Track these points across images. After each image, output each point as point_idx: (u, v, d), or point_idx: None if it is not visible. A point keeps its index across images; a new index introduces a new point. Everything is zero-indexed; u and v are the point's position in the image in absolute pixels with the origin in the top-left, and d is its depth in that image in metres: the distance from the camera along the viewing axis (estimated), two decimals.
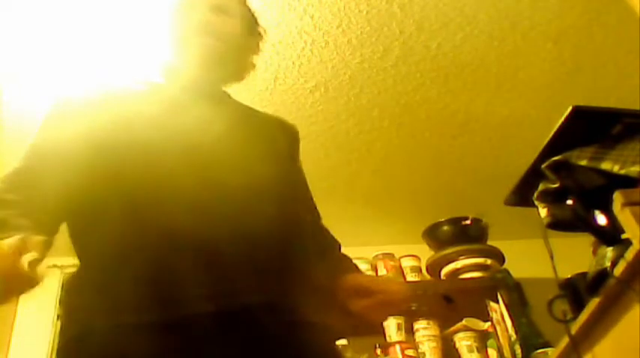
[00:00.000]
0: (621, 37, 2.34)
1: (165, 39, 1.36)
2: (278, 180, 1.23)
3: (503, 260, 2.91)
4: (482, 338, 2.71)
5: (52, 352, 2.71)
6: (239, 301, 1.04)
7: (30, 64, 2.28)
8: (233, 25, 1.35)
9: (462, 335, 2.74)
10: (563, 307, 1.68)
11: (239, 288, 1.06)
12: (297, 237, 1.20)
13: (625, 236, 1.45)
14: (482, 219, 2.92)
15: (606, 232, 1.55)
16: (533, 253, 2.07)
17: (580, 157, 1.57)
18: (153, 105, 1.26)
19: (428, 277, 3.00)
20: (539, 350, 2.37)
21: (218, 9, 1.34)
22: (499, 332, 2.63)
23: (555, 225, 1.65)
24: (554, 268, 1.67)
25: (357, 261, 2.85)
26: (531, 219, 1.74)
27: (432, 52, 2.38)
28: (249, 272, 1.07)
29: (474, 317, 2.74)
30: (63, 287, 1.13)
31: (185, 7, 1.36)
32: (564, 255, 1.74)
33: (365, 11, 2.22)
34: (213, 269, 1.05)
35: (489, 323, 2.70)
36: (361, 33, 2.29)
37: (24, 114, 2.41)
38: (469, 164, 2.90)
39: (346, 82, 2.47)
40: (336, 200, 2.83)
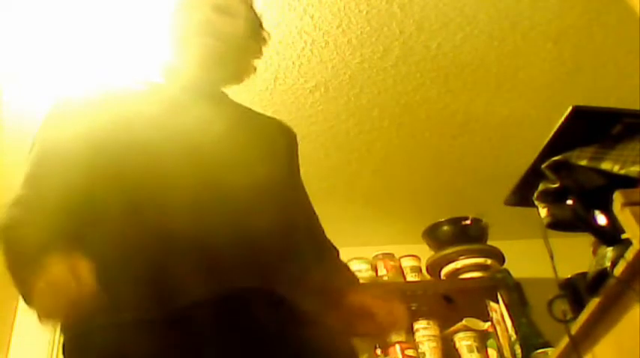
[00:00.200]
0: (621, 37, 2.34)
1: (166, 38, 1.36)
2: (276, 181, 1.23)
3: (503, 260, 2.91)
4: (483, 338, 2.71)
5: (52, 352, 2.72)
6: (238, 300, 1.05)
7: (30, 64, 2.28)
8: (235, 26, 1.34)
9: (462, 335, 2.73)
10: (563, 307, 1.68)
11: (238, 287, 1.06)
12: (295, 238, 1.20)
13: (625, 236, 1.45)
14: (482, 219, 2.91)
15: (606, 232, 1.55)
16: (533, 253, 2.07)
17: (580, 157, 1.57)
18: (153, 105, 1.26)
19: (428, 277, 3.00)
20: (539, 350, 2.37)
21: (220, 9, 1.33)
22: (499, 332, 2.63)
23: (555, 225, 1.65)
24: (554, 268, 1.67)
25: (357, 260, 2.90)
26: (531, 219, 1.74)
27: (432, 52, 2.38)
28: (248, 271, 1.08)
29: (474, 317, 2.73)
30: None
31: (187, 6, 1.35)
32: (564, 255, 1.74)
33: (365, 11, 2.22)
34: (212, 269, 1.06)
35: (489, 323, 2.70)
36: (361, 33, 2.29)
37: (24, 114, 2.41)
38: (469, 164, 2.90)
39: (346, 82, 2.47)
40: (336, 200, 2.83)
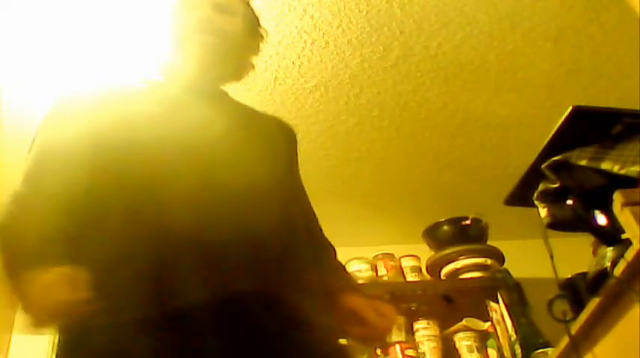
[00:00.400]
0: (621, 37, 2.34)
1: (166, 37, 1.36)
2: (277, 180, 1.23)
3: (503, 260, 2.91)
4: (483, 338, 2.71)
5: (52, 352, 2.71)
6: (238, 301, 1.05)
7: (30, 63, 2.28)
8: (234, 24, 1.35)
9: (462, 335, 2.73)
10: (563, 307, 1.68)
11: (237, 288, 1.06)
12: (295, 238, 1.20)
13: (625, 236, 1.45)
14: (482, 219, 2.91)
15: (606, 232, 1.55)
16: (533, 253, 2.07)
17: (580, 157, 1.57)
18: (152, 104, 1.26)
19: (428, 277, 3.00)
20: (539, 350, 2.36)
21: (219, 7, 1.33)
22: (499, 332, 2.63)
23: (555, 225, 1.65)
24: (554, 268, 1.67)
25: (357, 260, 2.89)
26: (531, 219, 1.74)
27: (432, 52, 2.38)
28: (248, 271, 1.08)
29: (474, 317, 2.73)
30: None
31: (186, 5, 1.35)
32: (564, 255, 1.74)
33: (365, 11, 2.22)
34: (212, 270, 1.06)
35: (489, 323, 2.70)
36: (361, 33, 2.29)
37: (24, 114, 2.41)
38: (469, 164, 2.90)
39: (346, 82, 2.47)
40: (336, 200, 2.83)
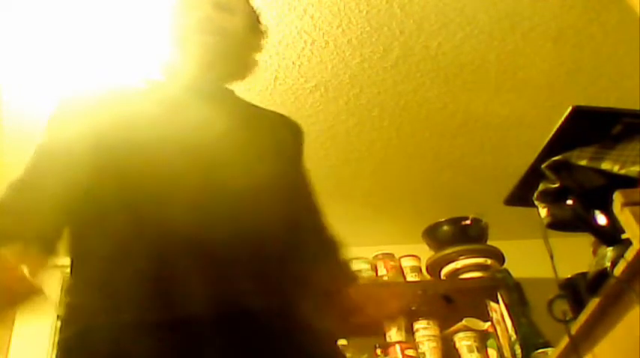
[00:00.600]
0: (621, 37, 2.34)
1: (166, 37, 1.36)
2: (280, 179, 1.22)
3: (503, 260, 2.91)
4: (483, 338, 2.71)
5: (52, 352, 2.71)
6: (238, 301, 1.04)
7: (30, 63, 2.28)
8: (235, 22, 1.35)
9: (462, 335, 2.73)
10: (563, 307, 1.68)
11: (239, 289, 1.05)
12: (298, 238, 1.20)
13: (625, 236, 1.45)
14: (482, 219, 2.91)
15: (606, 232, 1.55)
16: (533, 253, 2.07)
17: (580, 157, 1.57)
18: (153, 103, 1.26)
19: (428, 277, 3.00)
20: (539, 350, 2.36)
21: (219, 6, 1.33)
22: (499, 332, 2.63)
23: (555, 225, 1.65)
24: (554, 268, 1.67)
25: (357, 260, 2.89)
26: (531, 219, 1.74)
27: (432, 52, 2.38)
28: (249, 272, 1.07)
29: (474, 317, 2.73)
30: (62, 286, 1.13)
31: (186, 4, 1.35)
32: (564, 255, 1.74)
33: (365, 11, 2.22)
34: (213, 270, 1.05)
35: (489, 323, 2.70)
36: (361, 33, 2.29)
37: (24, 114, 2.41)
38: (469, 164, 2.90)
39: (346, 82, 2.47)
40: (336, 200, 2.81)
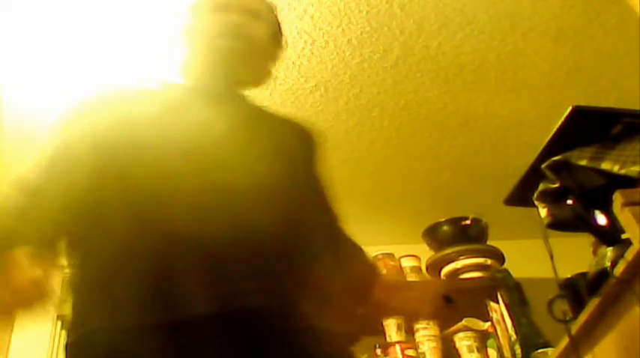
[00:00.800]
0: (621, 37, 2.34)
1: (186, 39, 1.35)
2: (280, 179, 1.22)
3: (503, 260, 2.91)
4: (483, 338, 2.71)
5: (52, 352, 2.71)
6: (240, 303, 1.04)
7: (30, 63, 2.28)
8: (259, 30, 1.35)
9: (462, 335, 2.73)
10: (563, 307, 1.68)
11: (239, 289, 1.06)
12: (301, 239, 1.19)
13: (625, 236, 1.45)
14: (482, 219, 2.91)
15: (606, 232, 1.55)
16: (533, 253, 2.06)
17: (580, 157, 1.57)
18: (156, 105, 1.26)
19: (428, 277, 3.00)
20: (539, 350, 2.36)
21: (246, 12, 1.33)
22: (499, 332, 2.63)
23: (555, 225, 1.65)
24: (554, 268, 1.67)
25: None
26: (531, 219, 1.74)
27: (432, 52, 2.38)
28: (249, 272, 1.07)
29: (474, 317, 2.73)
30: (65, 287, 1.13)
31: (213, 8, 1.34)
32: (564, 255, 1.74)
33: (365, 11, 2.22)
34: (213, 270, 1.05)
35: (489, 323, 2.70)
36: (361, 33, 2.29)
37: (24, 114, 2.41)
38: (469, 164, 2.90)
39: (346, 82, 2.47)
40: (336, 200, 2.82)
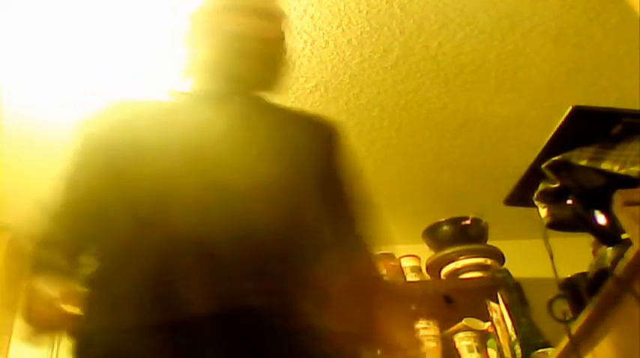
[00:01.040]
0: (621, 37, 2.33)
1: (199, 40, 1.35)
2: (283, 181, 1.21)
3: (503, 260, 2.90)
4: (483, 338, 2.71)
5: (52, 353, 2.71)
6: (240, 303, 1.04)
7: (30, 63, 2.28)
8: (275, 33, 1.35)
9: (462, 335, 2.73)
10: (563, 307, 1.68)
11: (239, 288, 1.06)
12: (301, 239, 1.18)
13: (625, 236, 1.45)
14: (482, 219, 2.91)
15: (606, 232, 1.55)
16: (533, 253, 2.07)
17: (580, 157, 1.57)
18: (157, 106, 1.26)
19: (428, 277, 3.00)
20: (539, 350, 2.36)
21: (263, 15, 1.33)
22: (499, 332, 2.63)
23: (555, 225, 1.65)
24: (554, 268, 1.67)
25: None
26: (531, 219, 1.74)
27: (432, 52, 2.38)
28: (249, 272, 1.07)
29: (474, 317, 2.73)
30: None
31: (230, 9, 1.34)
32: (564, 255, 1.74)
33: (365, 11, 2.22)
34: (213, 270, 1.06)
35: (489, 323, 2.70)
36: (361, 33, 2.29)
37: (24, 114, 2.41)
38: (469, 164, 2.90)
39: (346, 82, 2.47)
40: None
